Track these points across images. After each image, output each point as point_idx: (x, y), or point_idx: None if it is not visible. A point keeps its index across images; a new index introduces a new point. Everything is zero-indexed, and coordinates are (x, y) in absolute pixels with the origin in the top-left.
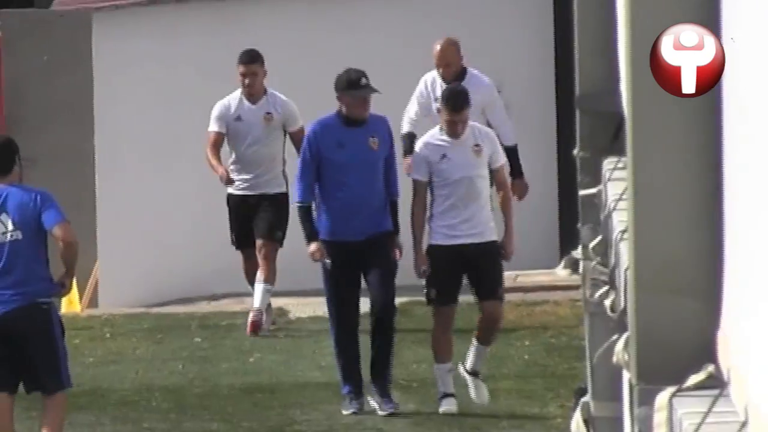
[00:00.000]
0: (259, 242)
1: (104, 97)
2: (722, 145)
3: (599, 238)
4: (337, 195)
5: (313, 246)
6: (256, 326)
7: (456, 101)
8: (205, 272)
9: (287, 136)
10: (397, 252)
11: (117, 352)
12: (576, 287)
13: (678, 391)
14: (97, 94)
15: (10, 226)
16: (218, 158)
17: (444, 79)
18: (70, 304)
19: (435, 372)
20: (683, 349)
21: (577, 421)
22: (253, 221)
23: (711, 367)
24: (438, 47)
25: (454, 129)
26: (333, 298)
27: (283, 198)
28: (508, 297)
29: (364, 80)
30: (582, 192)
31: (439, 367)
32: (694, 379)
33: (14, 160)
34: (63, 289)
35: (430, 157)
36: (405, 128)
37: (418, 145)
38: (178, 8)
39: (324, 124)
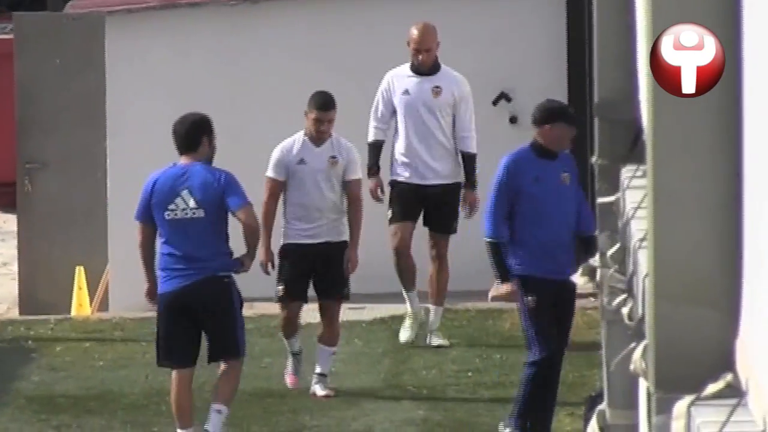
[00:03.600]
0: (326, 302)
1: (116, 101)
2: (743, 154)
3: (617, 245)
4: (535, 231)
5: (507, 287)
6: (329, 395)
7: None
8: None
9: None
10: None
11: (127, 356)
12: (587, 295)
13: (696, 399)
14: (109, 97)
15: (192, 204)
16: (270, 230)
17: (420, 67)
18: (81, 307)
19: None
20: (701, 357)
21: (593, 429)
22: (316, 275)
23: (729, 376)
24: (416, 31)
25: None
26: (542, 342)
27: (345, 247)
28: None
29: (570, 111)
30: (600, 200)
31: None
32: (712, 388)
33: (202, 139)
34: (242, 267)
35: None
36: (370, 136)
37: None
38: (191, 12)
39: (519, 156)
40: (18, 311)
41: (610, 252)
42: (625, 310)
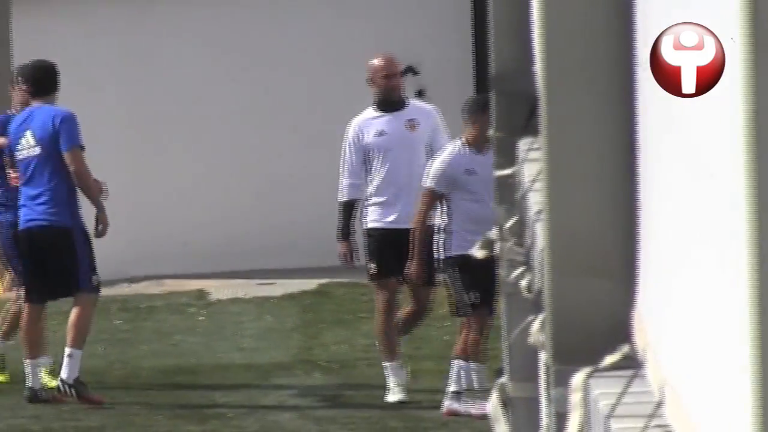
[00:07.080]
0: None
1: None
2: (637, 125)
3: (515, 218)
4: None
5: None
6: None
7: None
8: (123, 255)
9: None
10: None
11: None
12: None
13: (593, 371)
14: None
15: (32, 142)
16: (423, 242)
17: (390, 96)
18: None
19: None
20: (599, 329)
21: (494, 402)
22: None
23: (626, 348)
24: (382, 60)
25: None
26: None
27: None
28: None
29: None
30: (497, 172)
31: None
32: (609, 359)
33: (56, 84)
34: (102, 227)
35: None
36: (344, 195)
37: None
38: None
39: None
40: None
41: (507, 225)
42: (523, 283)
